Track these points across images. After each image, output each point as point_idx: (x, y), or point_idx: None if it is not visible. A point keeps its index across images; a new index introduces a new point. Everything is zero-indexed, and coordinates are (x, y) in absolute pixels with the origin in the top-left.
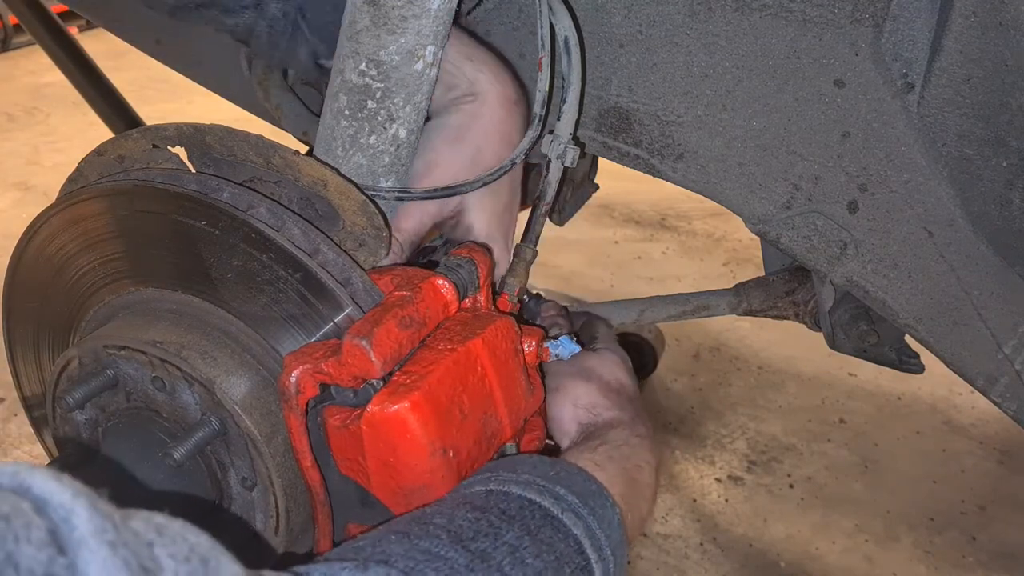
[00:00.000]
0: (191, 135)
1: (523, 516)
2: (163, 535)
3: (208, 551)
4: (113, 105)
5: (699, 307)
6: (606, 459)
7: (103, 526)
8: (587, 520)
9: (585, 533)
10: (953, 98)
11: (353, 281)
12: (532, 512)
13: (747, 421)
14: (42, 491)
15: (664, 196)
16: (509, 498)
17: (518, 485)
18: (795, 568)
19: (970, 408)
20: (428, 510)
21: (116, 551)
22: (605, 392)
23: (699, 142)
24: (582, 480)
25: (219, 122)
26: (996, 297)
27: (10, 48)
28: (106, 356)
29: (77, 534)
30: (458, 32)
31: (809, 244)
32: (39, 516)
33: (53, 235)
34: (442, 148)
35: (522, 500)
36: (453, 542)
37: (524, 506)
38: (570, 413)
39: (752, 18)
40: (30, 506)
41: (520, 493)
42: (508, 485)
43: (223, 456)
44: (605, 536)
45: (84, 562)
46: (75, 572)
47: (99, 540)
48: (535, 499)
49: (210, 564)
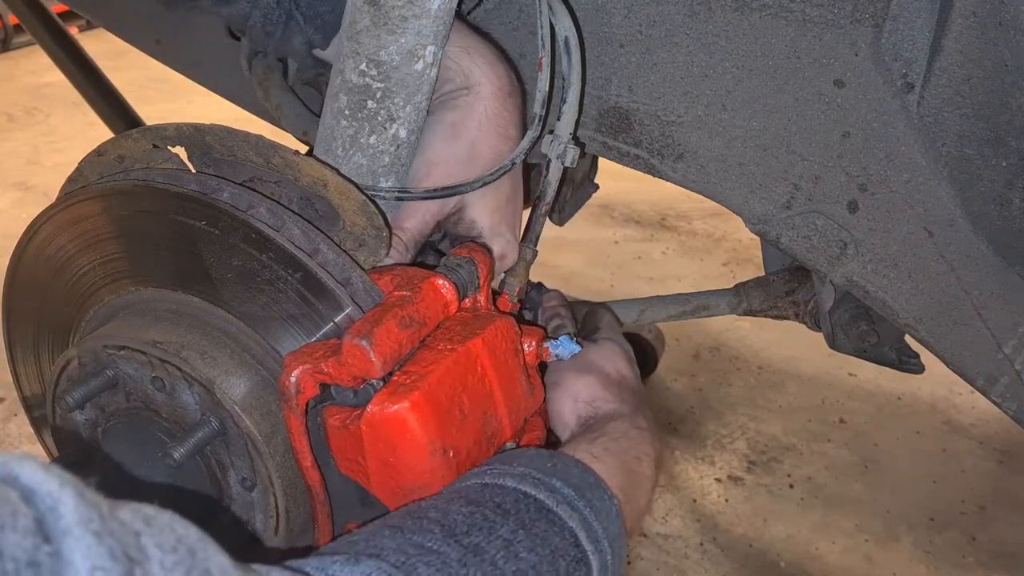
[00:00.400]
0: (191, 135)
1: (518, 510)
2: (151, 525)
3: (196, 542)
4: (113, 105)
5: (699, 307)
6: (604, 451)
7: (89, 515)
8: (583, 512)
9: (581, 525)
10: (953, 98)
11: (353, 281)
12: (527, 505)
13: (747, 421)
14: (30, 481)
15: (664, 196)
16: (504, 491)
17: (513, 478)
18: (795, 568)
19: (970, 408)
20: (423, 504)
21: (101, 540)
22: (605, 385)
23: (699, 142)
24: (579, 472)
25: (219, 122)
26: (996, 297)
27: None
28: (106, 356)
29: (63, 523)
30: (458, 24)
31: (809, 244)
32: (26, 505)
33: (53, 235)
34: (438, 146)
35: (517, 493)
36: (446, 536)
37: (519, 499)
38: (570, 407)
39: (752, 18)
40: (17, 495)
41: (515, 486)
42: (503, 478)
43: (223, 456)
44: (602, 528)
45: (69, 550)
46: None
47: (84, 529)
48: (530, 492)
49: (197, 555)
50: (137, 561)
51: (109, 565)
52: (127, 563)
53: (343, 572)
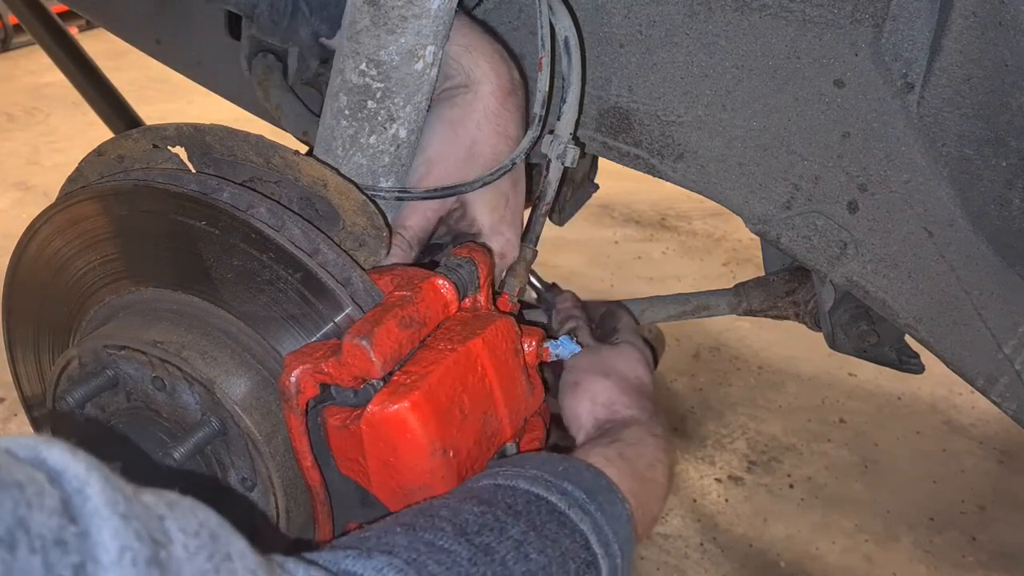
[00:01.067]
0: (191, 135)
1: (529, 511)
2: (174, 509)
3: (217, 527)
4: (113, 105)
5: (699, 307)
6: (618, 456)
7: (115, 498)
8: (594, 516)
9: (592, 528)
10: (953, 98)
11: (353, 281)
12: (538, 507)
13: (747, 421)
14: (57, 463)
15: (664, 196)
16: (516, 493)
17: (526, 480)
18: (795, 568)
19: (970, 408)
20: (435, 503)
21: (128, 522)
22: (624, 389)
23: (699, 142)
24: (591, 476)
25: (219, 122)
26: (996, 297)
27: (10, 48)
28: (106, 356)
29: (90, 505)
30: (461, 21)
31: (809, 244)
32: (52, 486)
33: (53, 235)
34: (438, 144)
35: (529, 495)
36: (457, 535)
37: (531, 501)
38: (587, 408)
39: (752, 18)
40: (44, 476)
41: (527, 488)
42: (516, 480)
43: (223, 456)
44: (613, 532)
45: (97, 530)
46: (87, 539)
47: (112, 511)
48: (542, 494)
49: (220, 539)
50: (162, 543)
51: (137, 546)
52: (153, 545)
53: (355, 566)
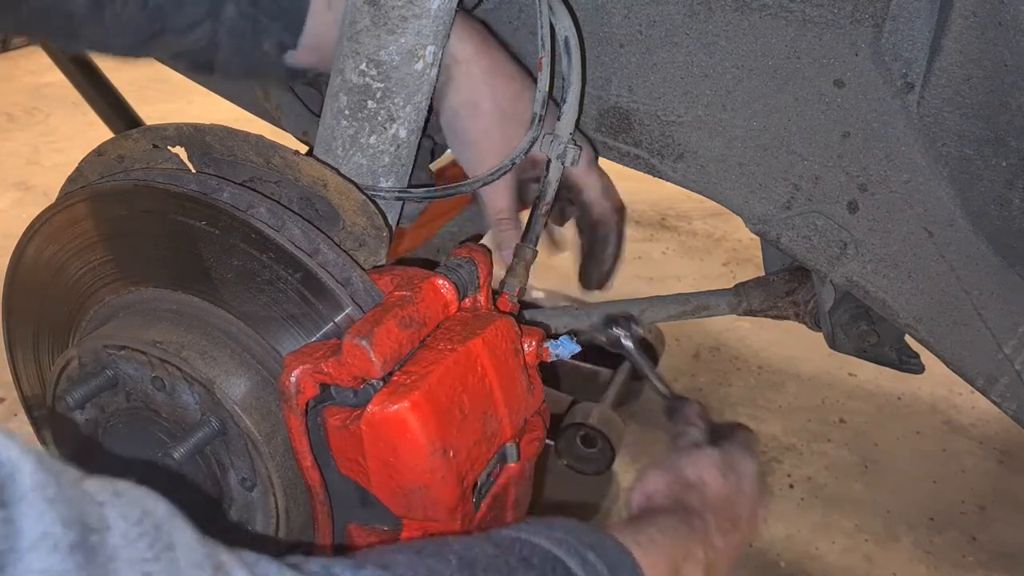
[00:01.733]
0: (191, 135)
1: (543, 567)
2: (120, 497)
3: (163, 517)
4: (113, 105)
5: (699, 307)
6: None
7: (45, 481)
8: None
9: None
10: (953, 98)
11: (353, 281)
12: (554, 567)
13: (747, 421)
14: None
15: (664, 196)
16: (535, 548)
17: (548, 540)
18: (795, 568)
19: (970, 408)
20: (450, 538)
21: (54, 506)
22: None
23: (699, 142)
24: (616, 553)
25: (219, 122)
26: (996, 297)
27: (10, 48)
28: (106, 356)
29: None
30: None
31: (809, 244)
32: None
33: (53, 235)
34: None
35: (548, 554)
36: (462, 568)
37: (547, 559)
38: (637, 496)
39: (752, 18)
40: None
41: (548, 547)
42: (537, 537)
43: (223, 456)
44: None
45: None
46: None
47: (38, 495)
48: (561, 556)
49: (163, 528)
50: (96, 530)
51: (59, 531)
52: (81, 530)
53: (344, 574)
